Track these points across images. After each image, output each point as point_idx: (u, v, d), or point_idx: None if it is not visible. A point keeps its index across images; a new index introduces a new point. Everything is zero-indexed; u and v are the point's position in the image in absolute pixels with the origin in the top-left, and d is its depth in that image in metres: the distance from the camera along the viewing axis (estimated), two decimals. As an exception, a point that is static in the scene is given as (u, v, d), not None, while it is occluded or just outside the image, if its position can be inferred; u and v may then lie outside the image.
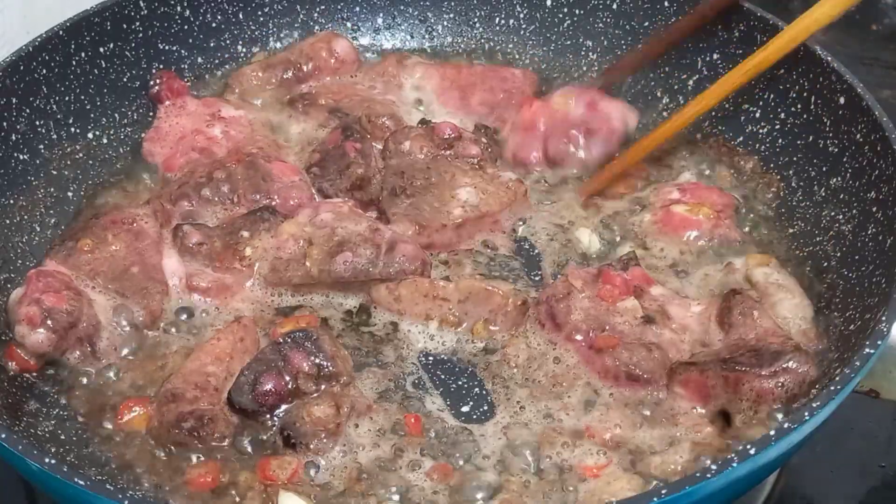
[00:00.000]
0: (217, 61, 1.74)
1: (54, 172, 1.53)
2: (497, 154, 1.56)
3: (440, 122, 1.55)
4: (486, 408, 1.25)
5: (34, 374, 1.28)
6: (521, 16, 1.79)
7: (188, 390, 1.21)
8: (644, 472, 1.15)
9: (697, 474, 0.95)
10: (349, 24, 1.82)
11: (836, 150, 1.41)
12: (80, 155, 1.57)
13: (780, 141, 1.52)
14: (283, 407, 1.20)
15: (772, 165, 1.52)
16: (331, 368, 1.21)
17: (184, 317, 1.36)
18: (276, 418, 1.20)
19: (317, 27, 1.81)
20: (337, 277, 1.35)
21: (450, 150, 1.51)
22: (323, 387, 1.21)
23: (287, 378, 1.19)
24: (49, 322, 1.26)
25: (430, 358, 1.32)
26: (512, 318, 1.33)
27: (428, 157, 1.50)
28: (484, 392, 1.27)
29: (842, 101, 1.40)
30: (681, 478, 1.02)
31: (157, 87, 1.64)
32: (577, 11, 1.74)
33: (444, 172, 1.48)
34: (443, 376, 1.30)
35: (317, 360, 1.21)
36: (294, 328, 1.28)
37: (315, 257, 1.35)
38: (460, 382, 1.29)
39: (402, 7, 1.82)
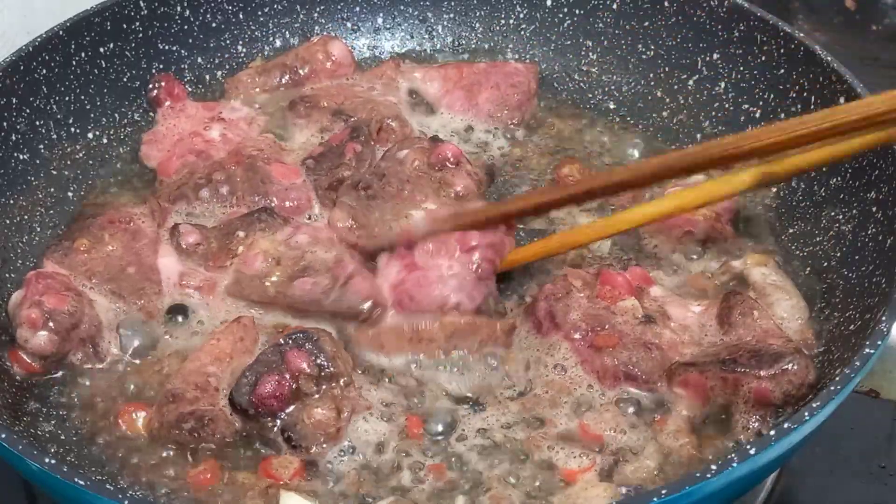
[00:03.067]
0: (217, 62, 1.74)
1: (54, 172, 1.53)
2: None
3: (447, 143, 1.48)
4: (483, 409, 1.25)
5: (33, 373, 1.28)
6: (521, 16, 1.79)
7: (188, 391, 1.21)
8: (619, 479, 1.15)
9: (697, 474, 0.95)
10: (349, 25, 1.82)
11: (836, 150, 1.41)
12: (80, 155, 1.57)
13: (780, 141, 1.52)
14: (288, 409, 1.19)
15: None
16: (331, 369, 1.21)
17: (179, 317, 1.35)
18: (277, 420, 1.19)
19: (317, 27, 1.81)
20: (290, 302, 1.32)
21: (439, 173, 1.45)
22: (323, 387, 1.20)
23: (288, 379, 1.19)
24: (51, 324, 1.26)
25: (433, 363, 1.31)
26: (503, 341, 1.31)
27: (415, 173, 1.46)
28: (482, 396, 1.27)
29: (842, 101, 1.40)
30: (656, 486, 1.02)
31: (155, 91, 1.64)
32: (577, 11, 1.74)
33: (419, 192, 1.43)
34: (444, 381, 1.29)
35: (317, 361, 1.21)
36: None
37: (276, 278, 1.34)
38: (460, 384, 1.29)
39: (401, 7, 1.82)
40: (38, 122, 1.51)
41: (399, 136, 1.55)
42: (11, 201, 1.45)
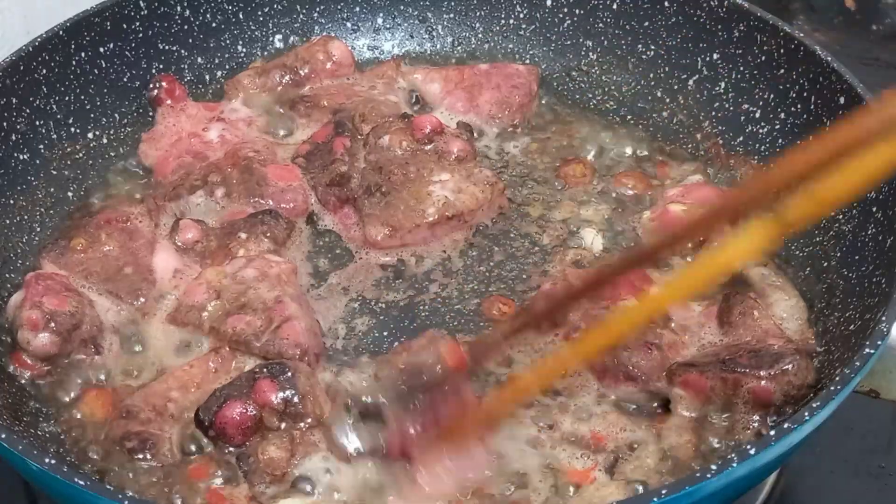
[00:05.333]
0: (217, 62, 1.74)
1: (54, 172, 1.53)
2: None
3: (421, 115, 1.54)
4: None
5: (36, 374, 1.28)
6: (521, 16, 1.79)
7: (144, 411, 1.19)
8: (624, 477, 1.15)
9: (697, 474, 0.96)
10: (349, 24, 1.82)
11: (836, 150, 1.41)
12: (80, 155, 1.57)
13: (780, 141, 1.52)
14: (247, 442, 1.16)
15: (772, 166, 1.52)
16: (299, 408, 1.16)
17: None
18: (234, 448, 1.17)
19: (316, 27, 1.80)
20: (223, 339, 1.28)
21: (430, 145, 1.49)
22: (284, 425, 1.16)
23: (252, 408, 1.15)
24: (52, 325, 1.26)
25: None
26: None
27: (407, 153, 1.48)
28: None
29: (842, 101, 1.40)
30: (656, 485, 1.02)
31: (156, 91, 1.64)
32: (577, 11, 1.74)
33: (423, 168, 1.47)
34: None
35: (286, 396, 1.16)
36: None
37: (212, 312, 1.29)
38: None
39: (401, 7, 1.82)
40: (38, 122, 1.51)
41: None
42: (11, 201, 1.45)
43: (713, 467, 0.96)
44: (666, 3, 1.65)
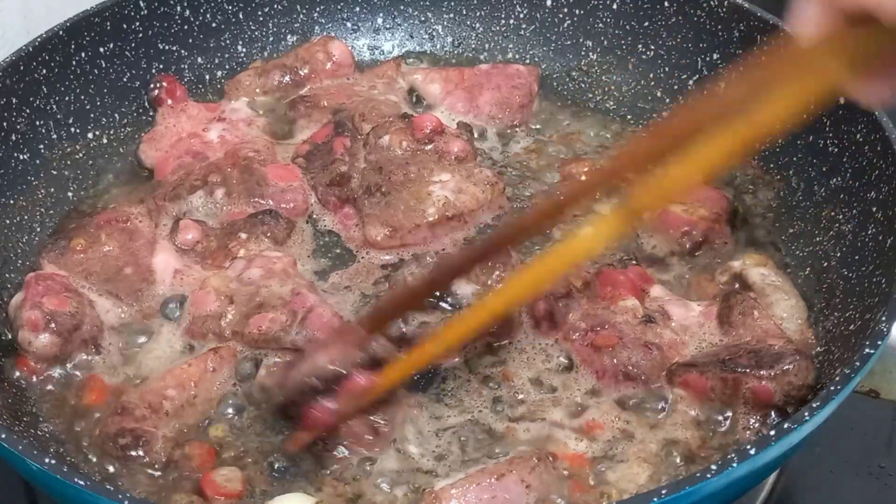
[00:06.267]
0: (217, 62, 1.74)
1: (54, 172, 1.53)
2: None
3: (421, 115, 1.55)
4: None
5: (36, 375, 1.28)
6: (521, 16, 1.79)
7: (139, 408, 1.19)
8: (617, 479, 1.15)
9: (697, 474, 0.95)
10: (349, 25, 1.83)
11: (836, 150, 1.41)
12: (80, 155, 1.58)
13: (780, 141, 1.52)
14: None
15: (772, 165, 1.52)
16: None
17: (166, 320, 1.34)
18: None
19: (316, 27, 1.81)
20: (249, 341, 1.27)
21: (430, 146, 1.49)
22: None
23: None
24: (52, 325, 1.26)
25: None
26: None
27: (407, 153, 1.49)
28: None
29: (842, 101, 1.40)
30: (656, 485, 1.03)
31: (156, 91, 1.64)
32: (577, 11, 1.74)
33: (423, 168, 1.47)
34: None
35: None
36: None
37: (231, 318, 1.28)
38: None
39: (401, 7, 1.82)
40: (38, 122, 1.51)
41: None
42: (11, 201, 1.45)
43: (713, 467, 0.96)
44: (666, 3, 1.65)
